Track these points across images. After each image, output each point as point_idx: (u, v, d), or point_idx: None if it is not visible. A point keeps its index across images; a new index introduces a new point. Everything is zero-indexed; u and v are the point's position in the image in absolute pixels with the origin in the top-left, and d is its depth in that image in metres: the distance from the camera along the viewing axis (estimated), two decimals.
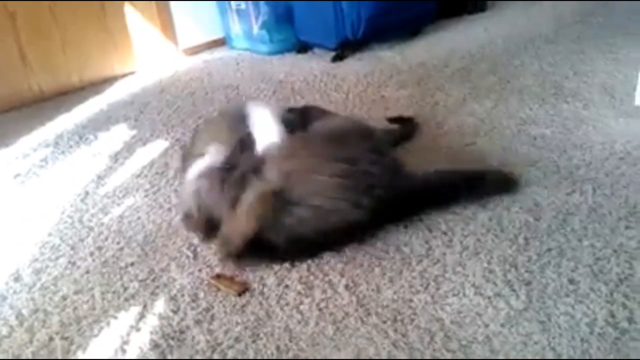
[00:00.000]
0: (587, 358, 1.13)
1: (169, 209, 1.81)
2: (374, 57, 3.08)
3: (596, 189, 1.66)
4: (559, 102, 2.28)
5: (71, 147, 2.40)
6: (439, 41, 3.25)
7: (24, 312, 1.42)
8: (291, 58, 3.28)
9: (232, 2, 3.40)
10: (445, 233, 1.54)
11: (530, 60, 2.78)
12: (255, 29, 3.36)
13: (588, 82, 2.44)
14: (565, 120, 2.12)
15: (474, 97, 2.42)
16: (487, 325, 1.22)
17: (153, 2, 3.33)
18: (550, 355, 1.14)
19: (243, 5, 3.33)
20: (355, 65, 3.01)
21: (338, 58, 3.11)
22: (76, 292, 1.47)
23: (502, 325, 1.22)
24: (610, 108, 2.16)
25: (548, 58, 2.78)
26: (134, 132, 2.48)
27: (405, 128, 2.12)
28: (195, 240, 1.63)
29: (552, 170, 1.79)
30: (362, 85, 2.70)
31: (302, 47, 3.34)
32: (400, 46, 3.19)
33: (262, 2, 3.24)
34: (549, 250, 1.43)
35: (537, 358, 1.14)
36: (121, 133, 2.48)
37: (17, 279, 1.55)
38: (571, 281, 1.32)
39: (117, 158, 2.23)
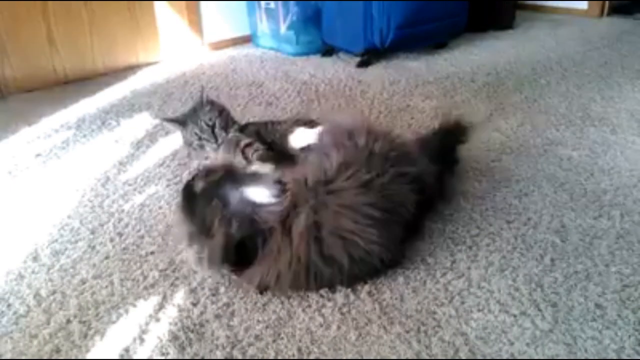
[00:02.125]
0: None
1: None
2: (399, 66, 3.07)
3: (624, 215, 1.64)
4: (586, 125, 2.26)
5: (93, 131, 2.40)
6: (465, 55, 3.24)
7: (42, 292, 1.41)
8: (316, 60, 3.27)
9: (261, 1, 3.39)
10: (470, 247, 1.52)
11: (557, 81, 2.77)
12: (283, 29, 3.36)
13: (615, 107, 2.43)
14: (592, 143, 2.10)
15: (500, 113, 2.41)
16: (512, 344, 1.20)
17: None
18: None
19: (272, 4, 3.33)
20: (381, 72, 3.00)
21: (364, 64, 3.10)
22: (95, 277, 1.46)
23: (528, 345, 1.20)
24: (638, 135, 2.15)
25: (575, 80, 2.76)
26: (156, 121, 2.47)
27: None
28: None
29: (579, 193, 1.77)
30: (388, 93, 2.69)
31: (328, 51, 3.34)
32: (426, 57, 3.18)
33: (291, 2, 3.24)
34: (576, 273, 1.41)
35: None
36: (144, 121, 2.48)
37: (35, 258, 1.54)
38: (598, 306, 1.30)
39: (139, 146, 2.22)
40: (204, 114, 1.86)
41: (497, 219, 1.64)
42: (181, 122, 1.89)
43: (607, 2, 4.03)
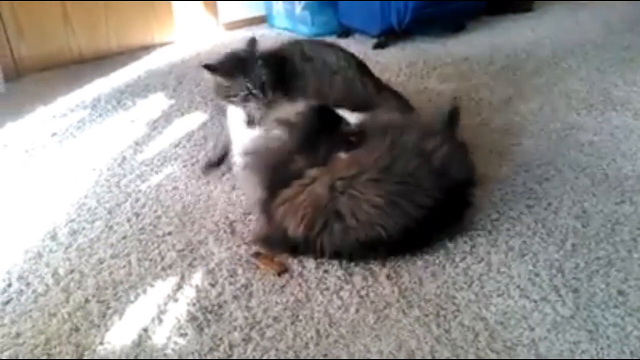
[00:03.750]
0: None
1: (207, 182, 1.79)
2: (416, 48, 3.03)
3: None
4: (607, 110, 2.22)
5: (108, 111, 2.39)
6: (483, 37, 3.18)
7: (60, 271, 1.41)
8: (332, 41, 3.23)
9: None
10: (490, 232, 1.50)
11: (577, 64, 2.71)
12: (298, 10, 3.32)
13: (638, 92, 2.37)
14: (614, 128, 2.06)
15: (520, 96, 2.37)
16: (532, 329, 1.19)
17: None
18: None
19: None
20: (398, 54, 2.96)
21: (380, 46, 3.06)
22: (113, 257, 1.46)
23: (549, 331, 1.18)
24: None
25: (596, 64, 2.71)
26: (171, 101, 2.46)
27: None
28: (232, 215, 1.61)
29: (600, 179, 1.74)
30: (405, 75, 2.66)
31: (344, 32, 3.30)
32: (443, 40, 3.13)
33: None
34: (597, 259, 1.39)
35: None
36: (159, 101, 2.47)
37: (53, 237, 1.55)
38: (620, 293, 1.28)
39: (155, 126, 2.22)
40: (258, 68, 1.72)
41: (517, 203, 1.62)
42: (228, 72, 1.73)
43: None
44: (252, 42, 1.80)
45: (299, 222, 1.38)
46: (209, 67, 1.74)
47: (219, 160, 1.86)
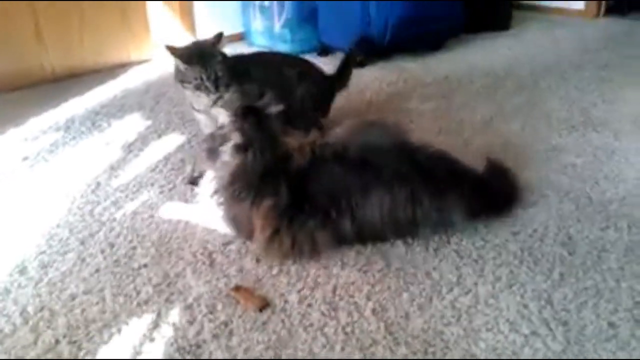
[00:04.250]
0: None
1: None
2: (396, 67, 3.02)
3: (632, 227, 1.60)
4: (588, 130, 2.22)
5: (83, 133, 2.32)
6: (462, 56, 3.19)
7: (29, 309, 1.34)
8: (312, 59, 3.19)
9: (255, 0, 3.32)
10: (476, 261, 1.47)
11: (556, 83, 2.73)
12: (277, 27, 3.29)
13: (617, 111, 2.38)
14: (595, 150, 2.05)
15: (501, 116, 2.36)
16: None
17: None
18: None
19: (267, 3, 3.26)
20: (378, 73, 2.94)
21: (360, 64, 3.04)
22: (85, 292, 1.39)
23: None
24: None
25: (575, 83, 2.72)
26: (148, 122, 2.40)
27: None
28: (211, 246, 1.56)
29: (584, 203, 1.72)
30: (386, 94, 2.64)
31: (323, 50, 3.27)
32: (423, 58, 3.13)
33: (287, 0, 3.17)
34: (586, 289, 1.36)
35: None
36: (135, 122, 2.40)
37: (22, 271, 1.47)
38: (611, 325, 1.25)
39: (131, 149, 2.15)
40: (215, 62, 1.83)
41: (502, 230, 1.60)
42: (186, 58, 1.83)
43: (603, 3, 3.99)
44: (218, 37, 1.90)
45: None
46: (170, 49, 1.84)
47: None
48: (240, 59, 2.05)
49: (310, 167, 1.51)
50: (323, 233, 1.48)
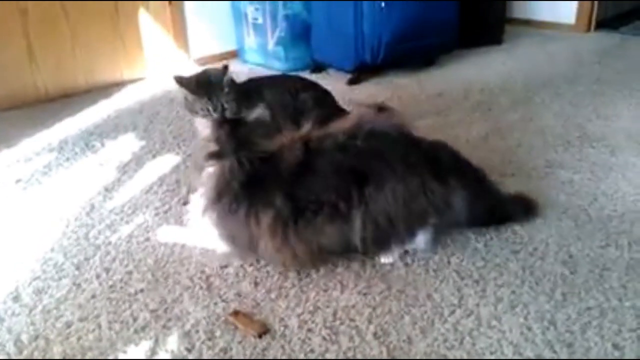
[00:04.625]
0: None
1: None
2: (390, 84, 3.02)
3: (632, 244, 1.59)
4: (584, 146, 2.22)
5: (76, 153, 2.30)
6: (456, 72, 3.20)
7: (23, 338, 1.31)
8: (305, 77, 3.19)
9: (249, 15, 3.32)
10: (477, 282, 1.46)
11: (550, 98, 2.73)
12: (271, 45, 3.29)
13: (612, 126, 2.39)
14: (592, 166, 2.05)
15: (496, 133, 2.36)
16: None
17: (167, 6, 3.23)
18: None
19: (260, 19, 3.26)
20: (372, 90, 2.94)
21: (354, 81, 3.05)
22: (81, 319, 1.36)
23: None
24: (637, 156, 2.11)
25: (569, 98, 2.73)
26: (142, 142, 2.38)
27: None
28: (208, 269, 1.53)
29: (584, 220, 1.72)
30: None
31: (317, 67, 3.27)
32: (417, 74, 3.13)
33: (280, 18, 3.17)
34: (589, 309, 1.35)
35: None
36: (129, 143, 2.39)
37: (16, 298, 1.44)
38: (615, 346, 1.24)
39: (125, 170, 2.13)
40: (222, 94, 1.80)
41: (503, 249, 1.58)
42: (193, 89, 1.81)
43: (594, 17, 4.03)
44: (225, 68, 1.86)
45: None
46: (177, 79, 1.83)
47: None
48: (252, 83, 2.04)
49: (307, 161, 1.46)
50: (332, 227, 1.43)
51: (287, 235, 1.43)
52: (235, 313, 1.36)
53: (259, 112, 1.62)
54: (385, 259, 1.54)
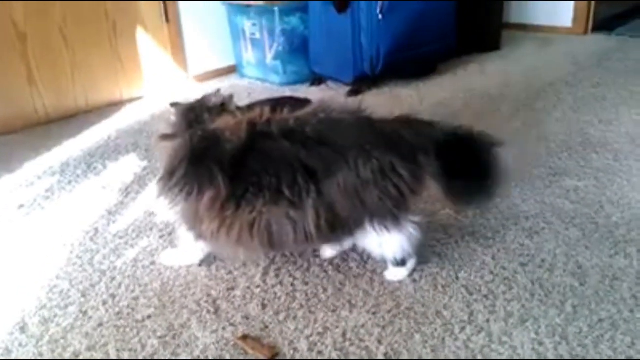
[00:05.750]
0: None
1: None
2: (391, 95, 3.02)
3: None
4: (587, 152, 2.21)
5: (78, 176, 2.29)
6: (456, 80, 3.20)
7: None
8: (304, 90, 3.20)
9: (246, 31, 3.33)
10: (486, 296, 1.44)
11: (552, 105, 2.73)
12: (269, 59, 3.29)
13: (615, 131, 2.39)
14: (597, 172, 2.04)
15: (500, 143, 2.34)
16: None
17: (165, 25, 3.24)
18: None
19: (258, 34, 3.26)
20: (372, 102, 2.93)
21: (354, 93, 3.04)
22: (89, 348, 1.35)
23: None
24: None
25: (570, 103, 2.73)
26: (144, 163, 2.38)
27: None
28: (214, 292, 1.52)
29: (591, 229, 1.71)
30: None
31: (316, 80, 3.27)
32: (417, 84, 3.13)
33: (277, 32, 3.18)
34: (600, 321, 1.34)
35: None
36: (131, 164, 2.38)
37: (22, 329, 1.43)
38: None
39: (128, 192, 2.12)
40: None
41: (511, 262, 1.57)
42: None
43: (590, 19, 4.03)
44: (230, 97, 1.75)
45: None
46: (175, 106, 1.69)
47: None
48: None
49: (251, 144, 1.39)
50: (276, 209, 1.36)
51: (225, 217, 1.38)
52: (244, 337, 1.34)
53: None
54: (328, 254, 1.56)
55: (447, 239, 1.69)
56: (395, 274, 1.52)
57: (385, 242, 1.45)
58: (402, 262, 1.51)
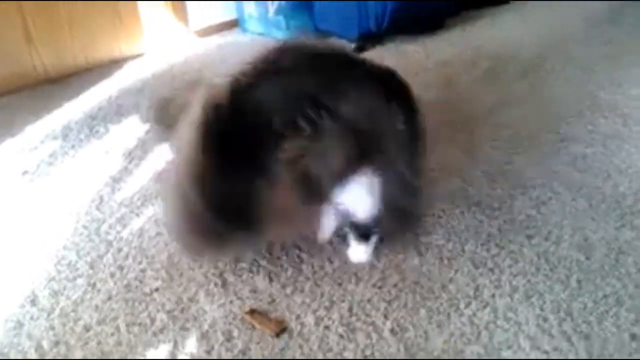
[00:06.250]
0: None
1: None
2: (397, 51, 2.95)
3: None
4: (596, 116, 2.18)
5: (81, 140, 2.27)
6: (463, 36, 3.11)
7: (44, 344, 1.32)
8: None
9: None
10: (492, 270, 1.45)
11: (561, 64, 2.66)
12: (271, 12, 3.20)
13: (625, 93, 2.34)
14: (605, 138, 2.02)
15: (506, 104, 2.31)
16: None
17: None
18: None
19: None
20: (378, 59, 2.85)
21: (359, 50, 2.96)
22: (99, 322, 1.37)
23: None
24: None
25: (580, 63, 2.66)
26: (147, 125, 2.34)
27: None
28: (221, 264, 1.53)
29: (598, 199, 1.70)
30: None
31: (319, 36, 3.18)
32: (423, 41, 3.05)
33: None
34: (605, 297, 1.35)
35: None
36: (133, 126, 2.35)
37: (33, 302, 1.45)
38: (633, 337, 1.24)
39: (132, 157, 2.11)
40: None
41: (517, 234, 1.57)
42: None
43: None
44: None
45: None
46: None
47: None
48: None
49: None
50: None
51: None
52: (252, 311, 1.36)
53: None
54: (324, 235, 1.49)
55: (452, 209, 1.69)
56: (357, 253, 1.48)
57: (361, 198, 1.33)
58: (365, 236, 1.45)
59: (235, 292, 1.43)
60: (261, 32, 3.33)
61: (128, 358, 1.27)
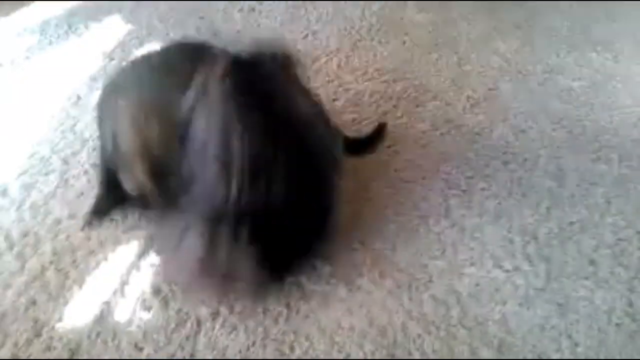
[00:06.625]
0: (603, 348, 1.11)
1: None
2: None
3: (622, 159, 1.59)
4: (587, 50, 2.14)
5: (59, 37, 2.19)
6: None
7: (13, 233, 1.32)
8: None
9: None
10: (464, 191, 1.47)
11: None
12: None
13: (619, 29, 2.29)
14: (594, 73, 2.00)
15: (499, 32, 2.26)
16: (504, 303, 1.19)
17: None
18: (566, 342, 1.12)
19: None
20: None
21: None
22: (70, 217, 1.37)
23: (520, 305, 1.19)
24: None
25: None
26: (128, 26, 2.27)
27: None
28: None
29: (577, 131, 1.70)
30: (379, 3, 2.50)
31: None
32: None
33: None
34: (571, 223, 1.38)
35: (553, 344, 1.11)
36: (114, 26, 2.27)
37: (3, 193, 1.44)
38: (591, 262, 1.28)
39: (112, 57, 2.04)
40: None
41: (493, 159, 1.58)
42: None
43: None
44: None
45: None
46: None
47: None
48: None
49: None
50: None
51: None
52: None
53: None
54: None
55: (433, 131, 1.68)
56: None
57: None
58: None
59: None
60: None
61: (96, 253, 1.28)
